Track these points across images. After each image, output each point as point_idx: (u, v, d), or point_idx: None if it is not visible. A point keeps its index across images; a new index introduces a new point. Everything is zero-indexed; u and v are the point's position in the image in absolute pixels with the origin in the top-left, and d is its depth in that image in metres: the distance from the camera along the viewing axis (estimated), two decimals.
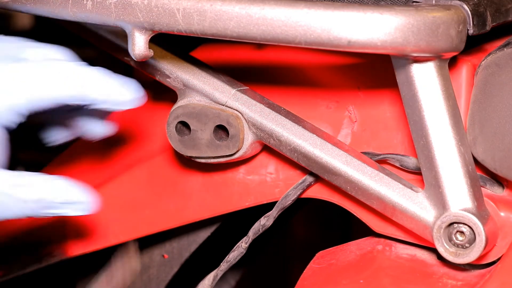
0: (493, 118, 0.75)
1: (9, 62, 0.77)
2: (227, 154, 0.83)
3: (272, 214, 0.87)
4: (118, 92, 0.77)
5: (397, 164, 0.81)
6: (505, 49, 0.75)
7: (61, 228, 1.05)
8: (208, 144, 0.83)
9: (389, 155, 0.82)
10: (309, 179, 0.86)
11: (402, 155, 0.81)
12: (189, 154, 0.85)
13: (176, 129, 0.84)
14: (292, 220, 1.43)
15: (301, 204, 1.03)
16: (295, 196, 0.86)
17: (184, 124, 0.84)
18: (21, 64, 0.76)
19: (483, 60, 0.77)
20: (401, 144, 0.82)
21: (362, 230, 0.88)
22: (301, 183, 0.86)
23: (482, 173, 0.79)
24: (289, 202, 0.87)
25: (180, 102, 0.84)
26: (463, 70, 0.79)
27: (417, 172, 0.80)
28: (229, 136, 0.82)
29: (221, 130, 0.83)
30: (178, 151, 0.85)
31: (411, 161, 0.81)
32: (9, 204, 0.73)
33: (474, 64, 0.79)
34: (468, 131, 0.77)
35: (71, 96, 0.76)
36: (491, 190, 0.79)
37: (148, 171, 0.97)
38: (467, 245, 0.72)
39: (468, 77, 0.79)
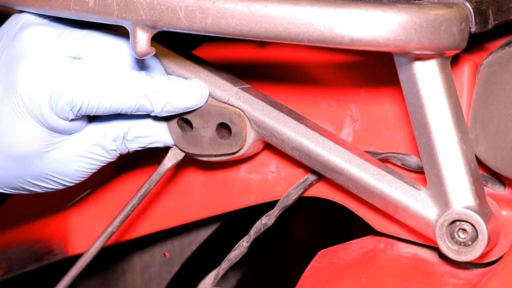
0: (495, 117, 0.75)
1: (72, 60, 0.79)
2: (229, 152, 0.83)
3: (274, 213, 0.87)
4: (179, 99, 0.80)
5: (399, 163, 0.81)
6: (507, 48, 0.75)
7: (62, 227, 1.05)
8: (211, 142, 0.83)
9: (390, 154, 0.82)
10: (311, 178, 0.85)
11: (404, 154, 0.81)
12: (190, 152, 0.85)
13: (177, 125, 0.84)
14: (293, 219, 1.43)
15: (302, 203, 1.03)
16: (297, 195, 0.86)
17: (186, 121, 0.84)
18: (82, 66, 0.78)
19: (485, 59, 0.77)
20: (403, 143, 0.82)
21: (363, 230, 0.88)
22: (302, 182, 0.86)
23: (484, 172, 0.78)
24: (291, 201, 0.86)
25: None
26: (465, 69, 0.79)
27: (418, 171, 0.80)
28: (232, 134, 0.82)
29: (223, 128, 0.83)
30: (180, 148, 0.85)
31: (412, 160, 0.80)
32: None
33: (476, 63, 0.79)
34: (470, 130, 0.76)
35: (130, 107, 0.79)
36: (493, 189, 0.78)
37: (149, 169, 0.97)
38: (469, 243, 0.72)
39: (470, 76, 0.79)
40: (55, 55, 0.78)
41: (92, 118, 0.84)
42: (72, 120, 0.80)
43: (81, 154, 0.82)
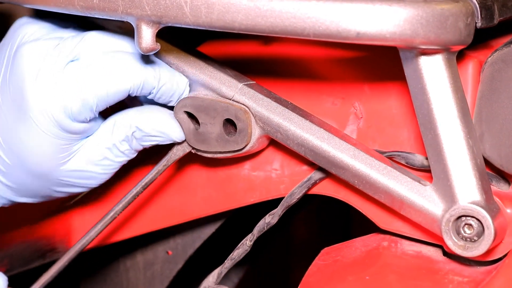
0: (499, 115, 0.74)
1: (70, 64, 0.80)
2: (235, 149, 0.83)
3: (277, 212, 0.87)
4: (176, 79, 0.81)
5: (403, 162, 0.81)
6: None
7: (65, 224, 1.05)
8: (218, 139, 0.83)
9: (394, 153, 0.81)
10: (314, 177, 0.85)
11: (408, 153, 0.81)
12: (198, 148, 0.84)
13: (187, 120, 0.84)
14: (295, 218, 1.43)
15: (305, 202, 1.03)
16: (300, 195, 0.86)
17: (192, 118, 0.84)
18: (80, 65, 0.80)
19: (490, 57, 0.77)
20: (407, 141, 0.82)
21: (365, 228, 0.88)
22: (306, 181, 0.86)
23: (488, 169, 0.78)
24: (294, 200, 0.86)
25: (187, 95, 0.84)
26: (470, 67, 0.79)
27: (423, 169, 0.80)
28: (237, 130, 0.82)
29: (229, 124, 0.83)
30: (189, 143, 0.84)
31: (417, 159, 0.80)
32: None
33: (480, 61, 0.79)
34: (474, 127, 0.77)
35: (136, 85, 0.79)
36: (497, 187, 0.78)
37: (152, 167, 0.97)
38: (475, 238, 0.72)
39: (475, 74, 0.79)
40: (54, 66, 0.79)
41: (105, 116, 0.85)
42: (90, 120, 0.81)
43: (97, 159, 0.84)
